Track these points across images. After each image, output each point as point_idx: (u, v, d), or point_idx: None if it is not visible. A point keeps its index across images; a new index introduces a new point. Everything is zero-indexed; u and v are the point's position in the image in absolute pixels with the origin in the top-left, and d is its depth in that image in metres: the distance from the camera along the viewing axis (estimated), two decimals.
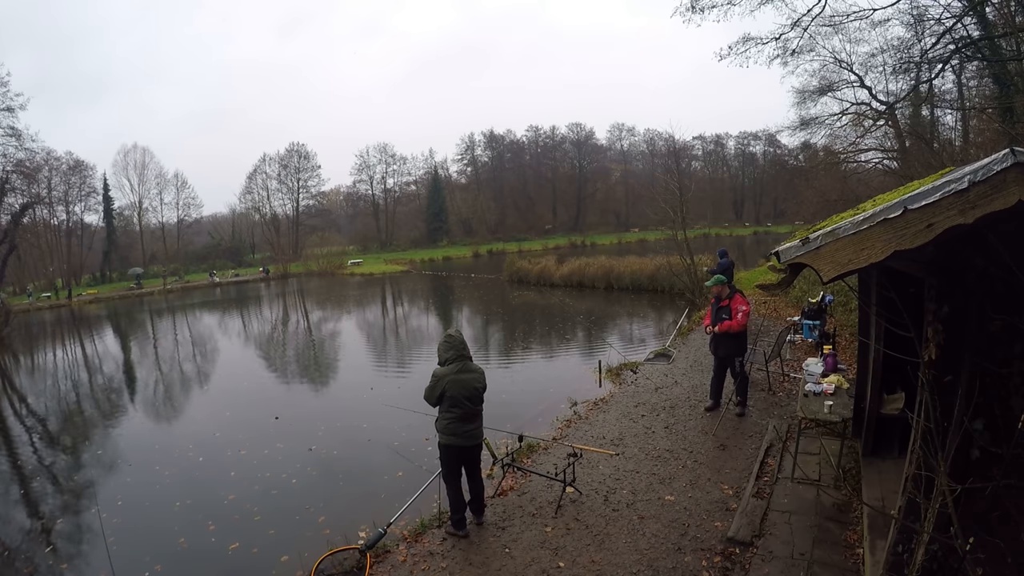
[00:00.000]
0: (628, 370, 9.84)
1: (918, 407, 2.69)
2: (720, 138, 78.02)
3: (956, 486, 2.29)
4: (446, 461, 4.74)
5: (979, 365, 2.47)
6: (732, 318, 6.79)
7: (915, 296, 3.04)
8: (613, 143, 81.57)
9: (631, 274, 21.67)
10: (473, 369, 4.71)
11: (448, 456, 4.70)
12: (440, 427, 4.67)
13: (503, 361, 13.11)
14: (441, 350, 4.69)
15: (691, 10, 14.53)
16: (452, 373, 4.56)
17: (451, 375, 4.55)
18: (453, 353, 4.62)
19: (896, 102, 17.32)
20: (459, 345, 4.67)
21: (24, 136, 36.07)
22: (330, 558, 4.68)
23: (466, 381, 4.60)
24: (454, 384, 4.54)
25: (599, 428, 7.08)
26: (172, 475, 7.26)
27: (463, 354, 4.66)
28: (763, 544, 4.27)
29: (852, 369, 6.49)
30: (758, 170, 75.94)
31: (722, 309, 6.92)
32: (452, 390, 4.53)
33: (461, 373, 4.59)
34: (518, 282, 27.20)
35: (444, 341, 4.73)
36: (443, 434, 4.66)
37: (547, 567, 4.25)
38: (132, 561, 5.10)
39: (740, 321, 6.77)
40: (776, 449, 5.87)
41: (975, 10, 12.45)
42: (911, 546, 2.70)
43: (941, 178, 2.35)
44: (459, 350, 4.64)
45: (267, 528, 5.57)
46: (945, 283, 2.58)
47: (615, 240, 59.52)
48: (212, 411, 10.55)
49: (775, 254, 2.59)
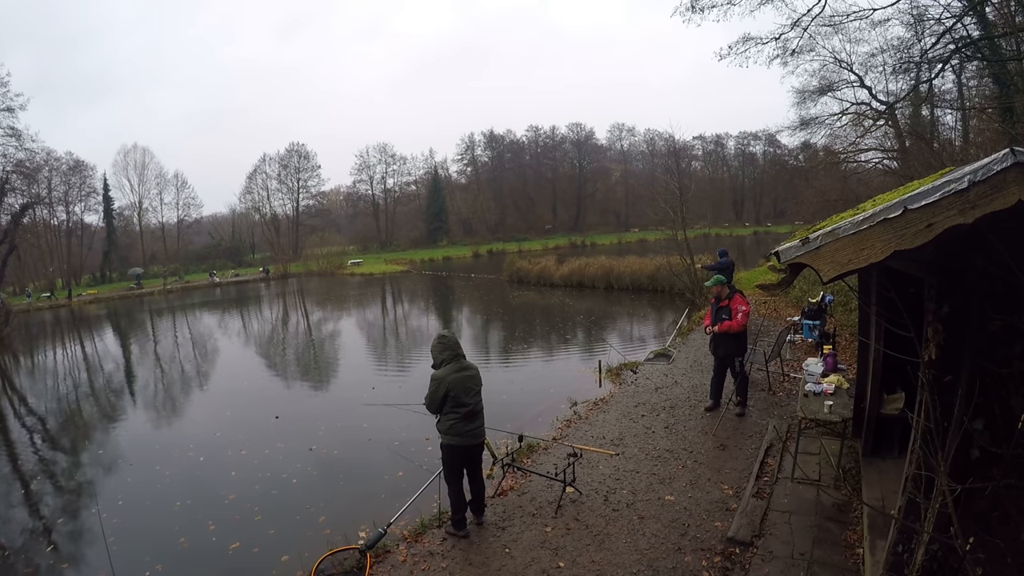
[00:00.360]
0: (628, 370, 9.84)
1: (918, 407, 2.69)
2: (720, 138, 78.11)
3: (956, 486, 2.29)
4: (449, 461, 4.72)
5: (979, 365, 2.47)
6: (732, 318, 6.79)
7: (915, 296, 3.04)
8: (613, 143, 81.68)
9: (631, 274, 21.67)
10: (469, 367, 4.70)
11: (452, 456, 4.68)
12: (443, 428, 4.64)
13: (503, 361, 13.11)
14: (435, 352, 4.64)
15: (691, 10, 14.55)
16: (452, 372, 4.54)
17: (451, 374, 4.54)
18: (448, 353, 4.60)
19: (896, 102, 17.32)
20: (453, 344, 4.66)
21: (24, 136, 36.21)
22: (330, 558, 4.68)
23: (466, 379, 4.60)
24: (456, 383, 4.53)
25: (599, 428, 7.08)
26: (173, 475, 7.26)
27: (458, 353, 4.66)
28: (763, 544, 4.27)
29: (852, 369, 6.49)
30: (758, 170, 75.95)
31: (722, 309, 6.91)
32: (455, 390, 4.51)
33: (460, 372, 4.58)
34: (518, 282, 27.19)
35: (438, 342, 4.67)
36: (447, 435, 4.63)
37: (547, 567, 4.25)
38: (133, 560, 5.11)
39: (740, 321, 6.77)
40: (776, 449, 5.87)
41: (975, 10, 12.45)
42: (911, 546, 2.70)
43: (941, 178, 2.35)
44: (454, 349, 4.63)
45: (267, 528, 5.57)
46: (945, 283, 2.58)
47: (615, 240, 59.51)
48: (213, 411, 10.55)
49: (775, 254, 2.59)
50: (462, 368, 4.62)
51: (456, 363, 4.60)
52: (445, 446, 4.69)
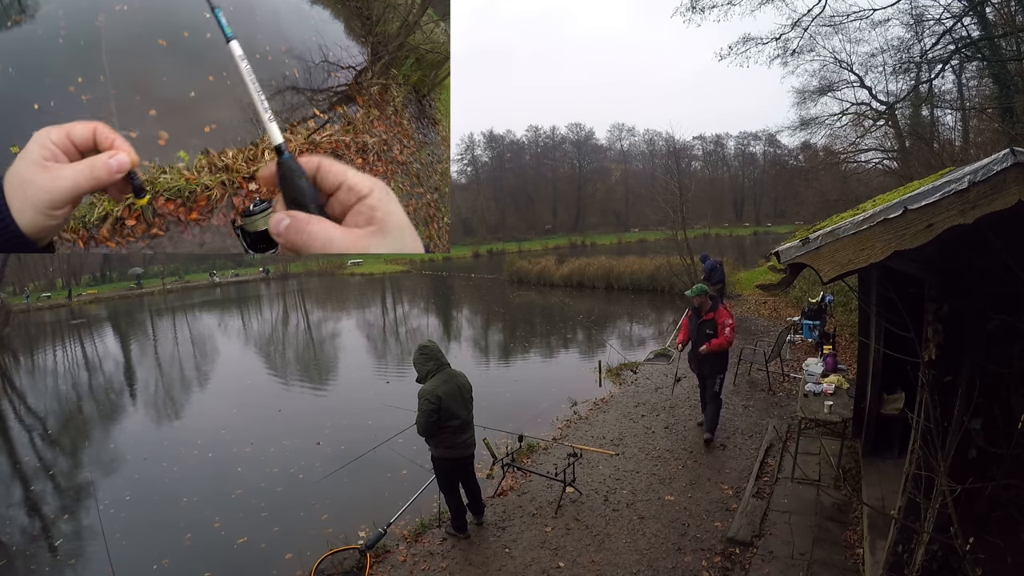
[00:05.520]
0: (628, 370, 9.85)
1: (918, 407, 2.70)
2: (720, 138, 78.07)
3: (956, 486, 2.29)
4: (443, 473, 4.60)
5: (979, 365, 2.47)
6: (719, 334, 5.99)
7: (915, 296, 3.04)
8: (613, 143, 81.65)
9: (631, 274, 21.66)
10: (457, 374, 4.51)
11: (445, 468, 4.57)
12: (434, 441, 4.43)
13: (503, 361, 13.12)
14: (419, 364, 4.39)
15: (691, 10, 14.57)
16: (442, 384, 4.30)
17: (441, 386, 4.29)
18: (433, 364, 4.37)
19: (896, 102, 17.29)
20: (436, 354, 4.44)
21: None
22: (330, 558, 4.68)
23: (457, 389, 4.38)
24: (448, 395, 4.29)
25: (599, 428, 7.08)
26: (180, 471, 7.31)
27: (442, 362, 4.45)
28: (763, 544, 4.27)
29: (852, 369, 6.50)
30: (758, 170, 75.90)
31: (705, 324, 6.08)
32: (447, 403, 4.27)
33: (449, 382, 4.36)
34: (518, 282, 27.18)
35: (420, 355, 4.40)
36: (438, 447, 4.44)
37: (547, 567, 4.25)
38: (140, 555, 5.14)
39: (729, 338, 6.01)
40: (776, 449, 5.87)
41: (975, 10, 12.44)
42: (911, 546, 2.70)
43: (941, 178, 2.35)
44: (437, 359, 4.42)
45: (272, 524, 5.59)
46: (945, 283, 2.58)
47: (615, 240, 59.51)
48: (219, 409, 10.59)
49: (775, 254, 2.59)
50: (451, 377, 4.40)
51: (443, 373, 4.38)
52: (437, 458, 4.53)
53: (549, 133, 77.26)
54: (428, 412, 4.21)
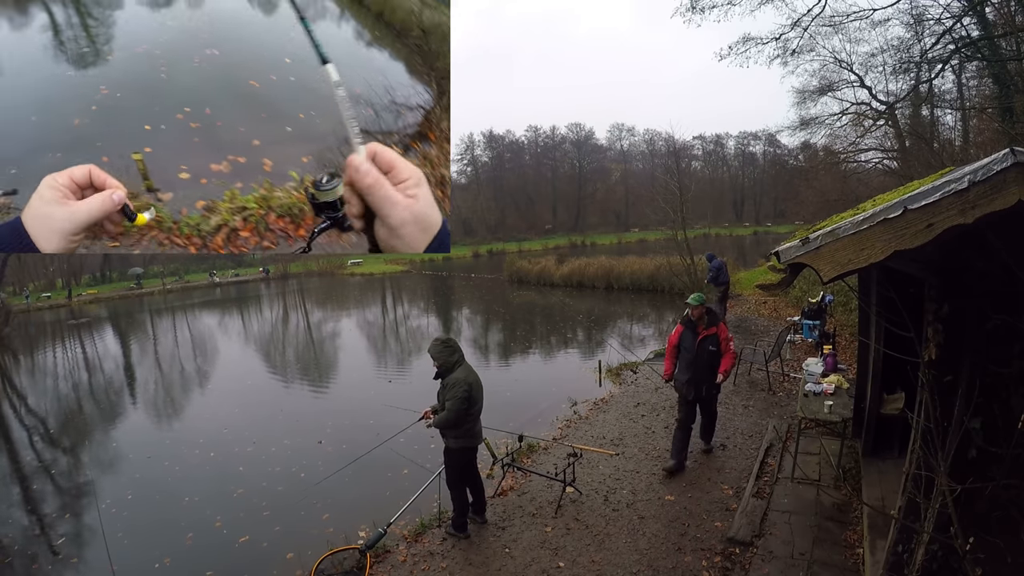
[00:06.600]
0: (628, 370, 9.85)
1: (918, 407, 2.70)
2: (720, 138, 78.05)
3: (956, 486, 2.29)
4: (458, 467, 4.63)
5: (979, 365, 2.47)
6: (724, 351, 5.43)
7: (915, 296, 3.04)
8: (613, 143, 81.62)
9: (631, 274, 21.66)
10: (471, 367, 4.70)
11: (462, 461, 4.62)
12: (457, 432, 4.48)
13: (503, 361, 13.12)
14: (443, 356, 4.43)
15: (691, 10, 14.55)
16: (470, 373, 4.49)
17: (471, 375, 4.48)
18: (458, 355, 4.52)
19: (896, 102, 17.28)
20: (457, 346, 4.61)
21: None
22: (330, 558, 4.68)
23: (477, 380, 4.58)
24: (476, 385, 4.49)
25: (599, 428, 7.08)
26: (182, 470, 7.33)
27: (463, 354, 4.64)
28: (763, 544, 4.27)
29: (852, 369, 6.49)
30: (758, 170, 75.89)
31: (707, 339, 5.39)
32: (475, 392, 4.47)
33: (472, 373, 4.54)
34: (518, 282, 27.18)
35: (444, 346, 4.46)
36: (461, 438, 4.50)
37: (547, 567, 4.25)
38: (142, 553, 5.15)
39: (734, 355, 5.62)
40: (776, 449, 5.87)
41: (975, 10, 12.44)
42: (911, 546, 2.70)
43: (941, 178, 2.36)
44: (460, 351, 4.60)
45: (273, 524, 5.60)
46: (945, 283, 2.58)
47: (615, 240, 59.50)
48: (221, 408, 10.58)
49: (775, 254, 2.59)
50: (471, 369, 4.60)
51: (466, 364, 4.55)
52: (455, 450, 4.55)
53: (549, 133, 77.39)
54: (463, 399, 4.35)
